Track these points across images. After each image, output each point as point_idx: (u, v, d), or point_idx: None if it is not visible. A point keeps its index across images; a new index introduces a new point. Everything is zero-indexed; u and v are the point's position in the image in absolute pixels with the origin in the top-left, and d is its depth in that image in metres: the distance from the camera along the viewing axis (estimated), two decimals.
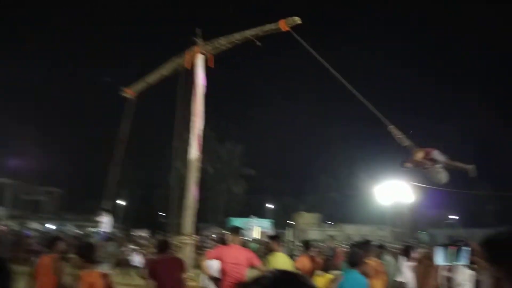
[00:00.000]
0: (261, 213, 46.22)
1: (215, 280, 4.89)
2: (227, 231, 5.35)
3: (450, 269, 4.49)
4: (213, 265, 5.30)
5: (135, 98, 10.19)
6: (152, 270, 4.78)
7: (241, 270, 4.90)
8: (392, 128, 6.83)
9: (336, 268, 7.22)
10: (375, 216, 46.45)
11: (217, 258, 4.89)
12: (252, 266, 5.16)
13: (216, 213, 50.07)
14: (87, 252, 3.90)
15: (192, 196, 7.97)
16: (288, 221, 52.54)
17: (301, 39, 7.35)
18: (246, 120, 71.15)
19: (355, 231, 49.06)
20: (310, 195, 54.85)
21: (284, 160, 62.46)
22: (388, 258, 7.11)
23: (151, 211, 50.07)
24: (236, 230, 5.33)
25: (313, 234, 47.28)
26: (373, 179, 34.28)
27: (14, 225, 32.22)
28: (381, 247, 7.65)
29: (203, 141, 8.38)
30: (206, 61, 8.55)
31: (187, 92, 8.41)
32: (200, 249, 15.60)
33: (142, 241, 24.47)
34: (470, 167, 6.81)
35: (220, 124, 46.91)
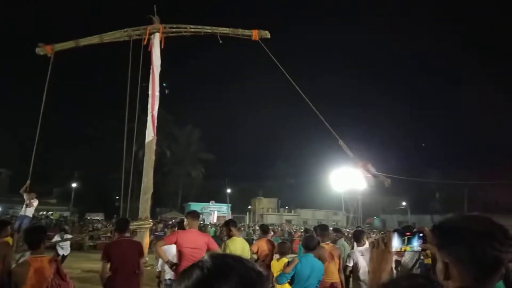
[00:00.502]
0: (219, 198, 46.22)
1: (172, 265, 4.81)
2: (185, 215, 5.28)
3: (400, 253, 4.68)
4: (171, 250, 5.24)
5: (52, 56, 8.97)
6: (108, 252, 4.60)
7: (199, 255, 4.89)
8: (341, 143, 8.35)
9: (292, 252, 7.35)
10: (330, 202, 47.76)
11: (175, 243, 4.83)
12: (210, 251, 5.18)
13: (174, 198, 49.58)
14: (33, 237, 3.69)
15: (148, 179, 7.80)
16: (247, 206, 53.03)
17: (268, 51, 8.18)
18: (204, 105, 70.65)
19: (311, 216, 50.47)
20: (268, 181, 55.48)
21: (242, 145, 62.81)
22: (343, 242, 7.31)
23: (106, 194, 48.69)
24: (194, 215, 5.29)
25: (271, 218, 48.12)
26: (329, 166, 35.10)
27: None
28: (337, 231, 7.86)
29: (162, 124, 8.20)
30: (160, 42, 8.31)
31: (138, 69, 8.10)
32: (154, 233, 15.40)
33: (97, 225, 23.89)
34: (387, 180, 8.82)
35: (179, 108, 46.24)
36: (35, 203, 10.31)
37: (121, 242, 4.74)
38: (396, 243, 1.42)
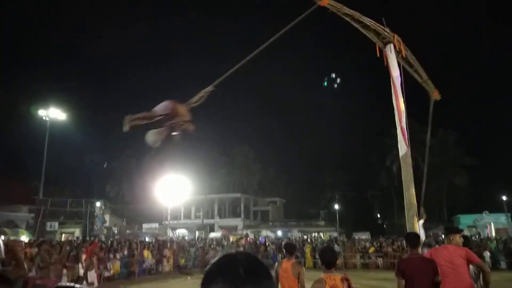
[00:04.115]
0: (494, 207, 39.88)
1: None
2: (446, 230, 4.96)
3: None
4: None
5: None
6: (402, 269, 4.65)
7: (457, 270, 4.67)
8: None
9: None
10: None
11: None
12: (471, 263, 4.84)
13: (439, 211, 45.85)
14: (327, 256, 4.09)
15: (410, 195, 7.47)
16: None
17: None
18: (455, 104, 63.53)
19: None
20: None
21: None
22: None
23: (367, 213, 49.79)
24: (451, 230, 4.95)
25: None
26: None
27: (249, 233, 36.94)
28: None
29: (411, 135, 7.80)
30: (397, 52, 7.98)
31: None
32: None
33: (364, 243, 24.48)
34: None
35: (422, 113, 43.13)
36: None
37: (414, 259, 4.70)
38: None
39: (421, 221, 7.69)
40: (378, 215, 55.99)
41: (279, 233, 40.71)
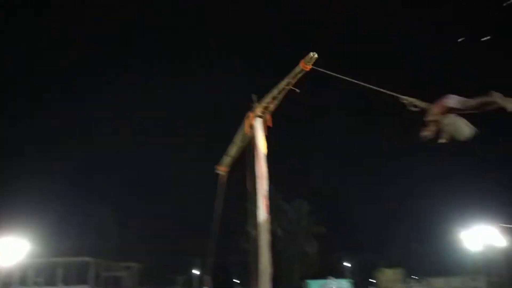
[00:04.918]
0: (338, 273, 43.84)
1: None
2: None
3: None
4: None
5: (225, 174, 10.36)
6: None
7: None
8: (405, 99, 6.15)
9: None
10: (466, 266, 42.13)
11: None
12: None
13: (291, 276, 48.31)
14: None
15: (266, 260, 7.79)
16: (369, 279, 49.24)
17: (325, 70, 7.69)
18: (308, 176, 70.49)
19: (444, 285, 44.64)
20: (390, 249, 51.46)
21: (355, 213, 59.97)
22: None
23: (226, 279, 49.50)
24: None
25: None
26: (457, 224, 31.69)
27: None
28: None
29: (270, 202, 8.35)
30: (265, 122, 8.82)
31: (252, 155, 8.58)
32: None
33: None
34: (508, 100, 5.22)
35: (285, 183, 46.93)
36: None
37: None
38: None
39: None
40: (238, 281, 56.15)
41: None
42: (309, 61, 7.72)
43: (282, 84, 8.39)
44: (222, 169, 10.36)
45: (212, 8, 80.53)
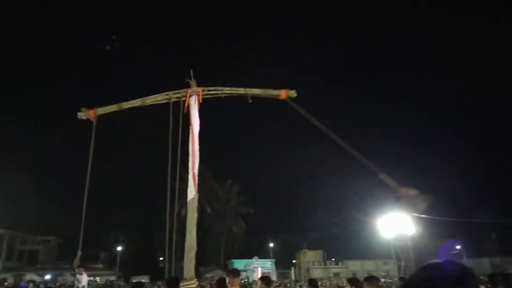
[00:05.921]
0: (263, 253, 45.18)
1: None
2: (226, 274, 5.29)
3: None
4: None
5: (95, 120, 9.02)
6: None
7: None
8: (383, 175, 7.33)
9: None
10: (379, 250, 45.50)
11: None
12: None
13: (217, 255, 49.00)
14: None
15: (192, 238, 7.80)
16: (292, 260, 51.36)
17: (297, 106, 8.31)
18: (240, 158, 71.47)
19: (359, 267, 48.04)
20: (312, 232, 53.93)
21: (282, 196, 62.01)
22: None
23: (151, 256, 48.80)
24: (235, 273, 5.36)
25: (317, 272, 46.18)
26: (375, 211, 33.88)
27: (9, 278, 31.28)
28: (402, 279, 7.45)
29: (203, 181, 8.33)
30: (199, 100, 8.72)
31: (178, 130, 8.38)
32: None
33: None
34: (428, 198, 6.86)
35: (217, 163, 46.99)
36: (84, 277, 10.75)
37: None
38: None
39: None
40: (161, 258, 55.69)
41: (48, 276, 35.96)
42: (289, 95, 8.71)
43: (252, 91, 8.85)
44: (90, 114, 9.03)
45: None
